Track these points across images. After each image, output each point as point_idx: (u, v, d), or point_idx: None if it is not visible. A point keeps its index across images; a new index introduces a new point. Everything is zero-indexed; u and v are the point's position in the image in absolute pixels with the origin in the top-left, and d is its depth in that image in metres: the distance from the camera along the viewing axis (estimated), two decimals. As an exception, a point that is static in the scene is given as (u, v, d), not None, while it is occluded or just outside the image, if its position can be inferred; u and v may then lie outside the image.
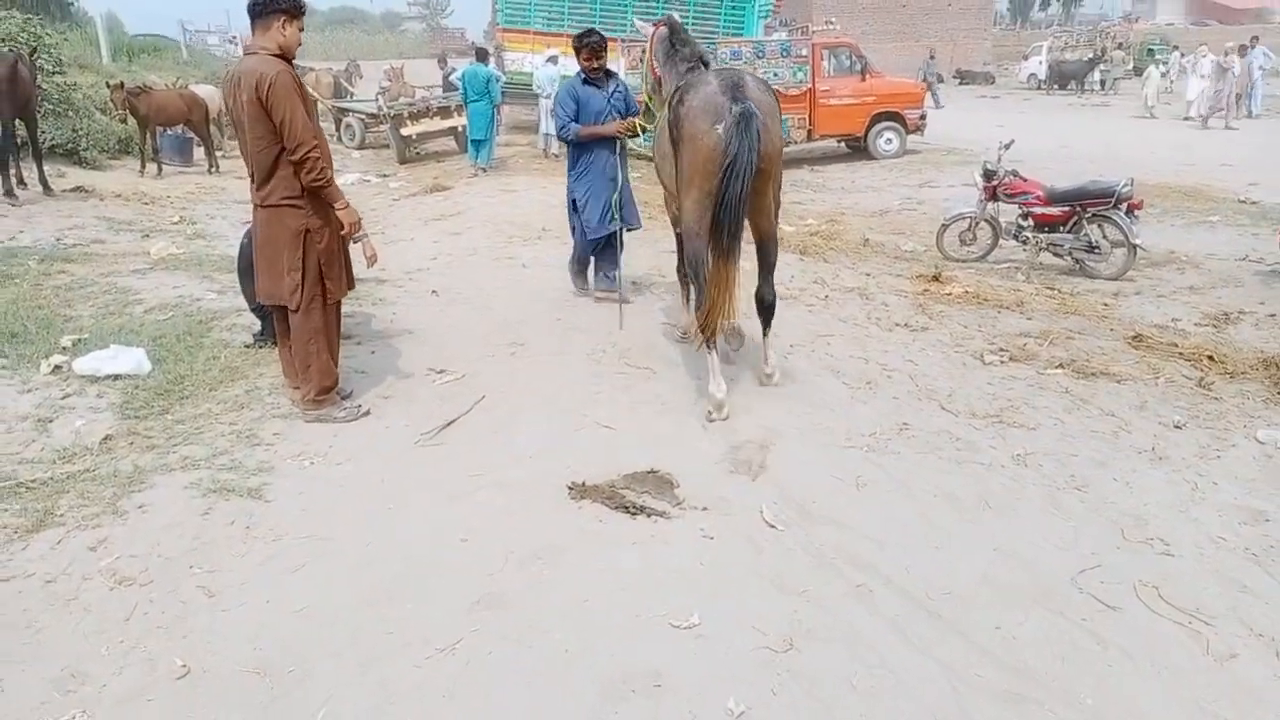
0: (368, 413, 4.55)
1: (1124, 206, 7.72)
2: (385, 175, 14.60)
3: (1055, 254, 8.09)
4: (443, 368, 5.21)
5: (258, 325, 5.41)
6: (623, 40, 14.51)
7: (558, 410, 4.63)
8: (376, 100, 17.47)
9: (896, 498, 3.80)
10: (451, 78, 17.35)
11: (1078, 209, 7.89)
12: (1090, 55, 32.36)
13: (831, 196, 13.60)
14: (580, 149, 6.15)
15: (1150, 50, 35.47)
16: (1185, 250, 8.48)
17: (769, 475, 3.96)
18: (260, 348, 5.30)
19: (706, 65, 4.99)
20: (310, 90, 16.88)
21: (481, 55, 14.29)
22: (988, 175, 8.48)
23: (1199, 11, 56.57)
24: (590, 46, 6.01)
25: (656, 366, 5.29)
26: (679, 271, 5.68)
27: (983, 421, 4.59)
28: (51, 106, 12.49)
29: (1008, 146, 8.73)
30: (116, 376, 4.79)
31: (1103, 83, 30.59)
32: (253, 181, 4.25)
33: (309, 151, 4.04)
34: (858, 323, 6.25)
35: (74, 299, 6.33)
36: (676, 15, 5.57)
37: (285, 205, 4.18)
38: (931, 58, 29.41)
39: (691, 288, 4.92)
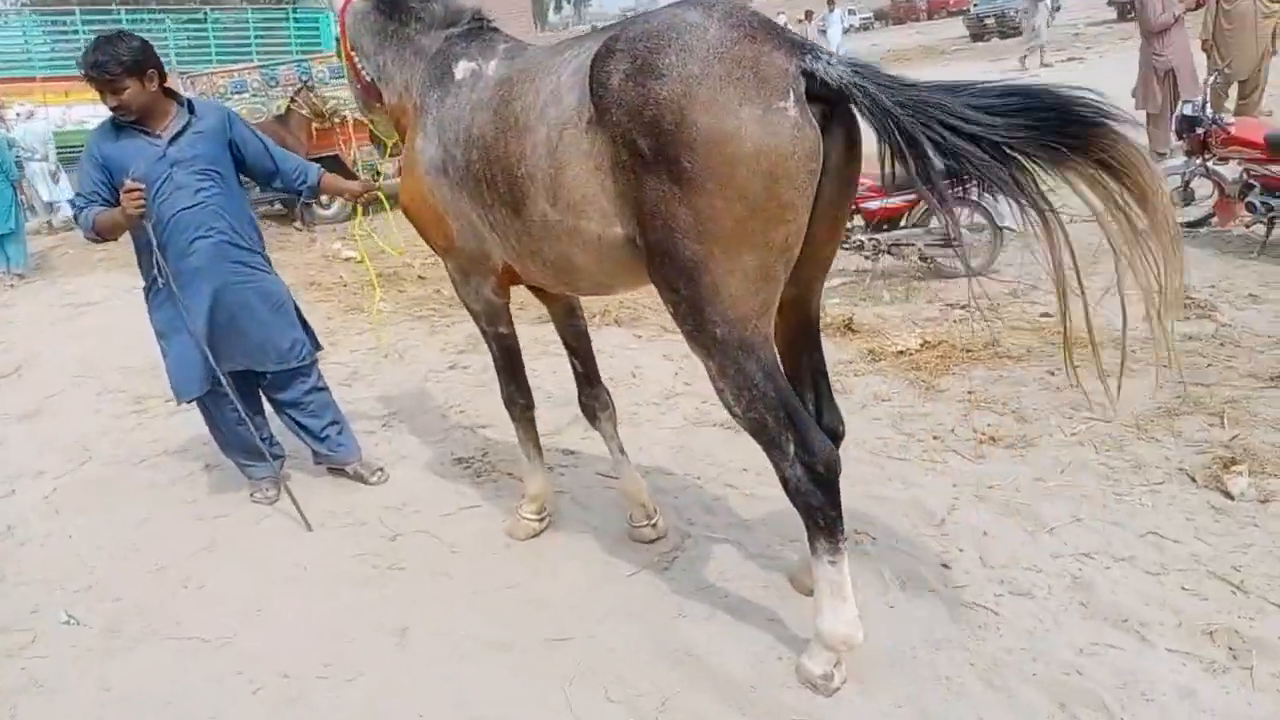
0: None
1: None
2: None
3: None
4: None
5: None
6: (184, 75, 10.15)
7: None
8: None
9: None
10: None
11: None
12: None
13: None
14: (144, 252, 3.16)
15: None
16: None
17: None
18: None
19: (486, 24, 2.74)
20: None
21: (-31, 115, 9.16)
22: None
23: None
24: (95, 77, 2.98)
25: None
26: (508, 402, 3.01)
27: None
28: None
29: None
30: None
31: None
32: None
33: None
34: (1097, 498, 2.98)
35: None
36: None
37: None
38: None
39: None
